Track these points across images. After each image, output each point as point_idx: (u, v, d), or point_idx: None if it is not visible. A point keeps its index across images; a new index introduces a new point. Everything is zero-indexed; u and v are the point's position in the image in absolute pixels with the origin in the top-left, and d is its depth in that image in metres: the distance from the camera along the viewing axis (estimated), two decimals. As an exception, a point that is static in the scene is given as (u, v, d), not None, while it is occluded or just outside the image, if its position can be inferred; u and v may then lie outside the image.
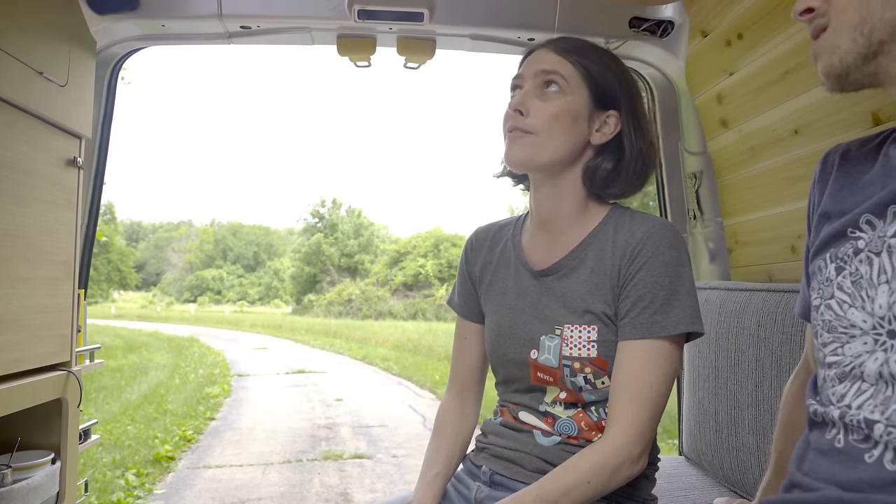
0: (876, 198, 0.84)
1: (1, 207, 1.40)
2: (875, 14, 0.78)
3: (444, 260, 37.69)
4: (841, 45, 0.81)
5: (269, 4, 1.77)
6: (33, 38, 1.48)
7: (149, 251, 62.22)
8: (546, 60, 1.21)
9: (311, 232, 49.04)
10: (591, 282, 1.19)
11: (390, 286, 38.36)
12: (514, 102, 1.20)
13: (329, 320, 30.22)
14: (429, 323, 26.63)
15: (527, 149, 1.18)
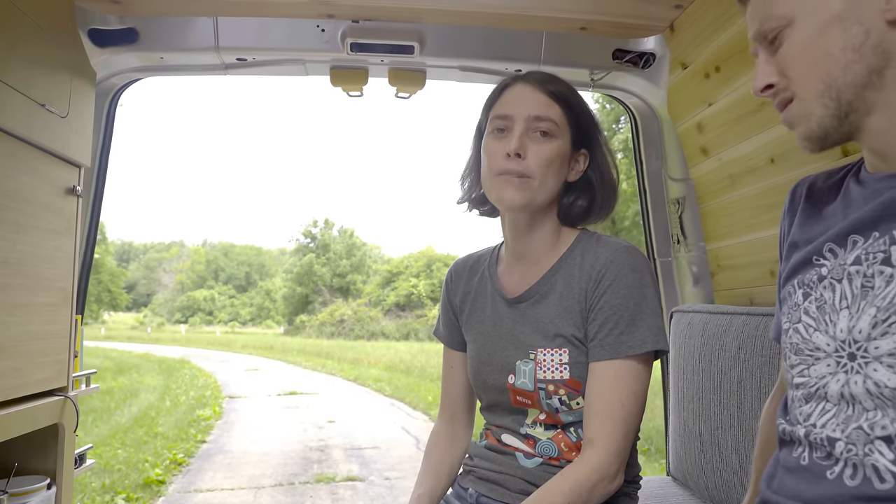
0: (837, 228, 0.90)
1: (1, 236, 1.44)
2: (838, 79, 0.83)
3: (437, 280, 37.68)
4: (815, 112, 0.86)
5: (265, 37, 1.83)
6: (36, 70, 1.53)
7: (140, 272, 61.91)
8: (538, 103, 1.24)
9: (303, 252, 49.00)
10: (560, 306, 1.24)
11: (382, 306, 38.30)
12: (512, 147, 1.21)
13: (321, 341, 30.09)
14: (421, 343, 26.56)
15: (526, 192, 1.22)
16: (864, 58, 0.81)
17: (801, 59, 0.85)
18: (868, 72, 0.81)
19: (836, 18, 0.82)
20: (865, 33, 0.81)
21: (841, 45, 0.82)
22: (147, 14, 1.78)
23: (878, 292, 0.80)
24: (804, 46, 0.85)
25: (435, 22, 1.81)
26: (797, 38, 0.85)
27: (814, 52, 0.84)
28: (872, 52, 0.81)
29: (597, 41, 1.88)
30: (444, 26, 1.82)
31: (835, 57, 0.82)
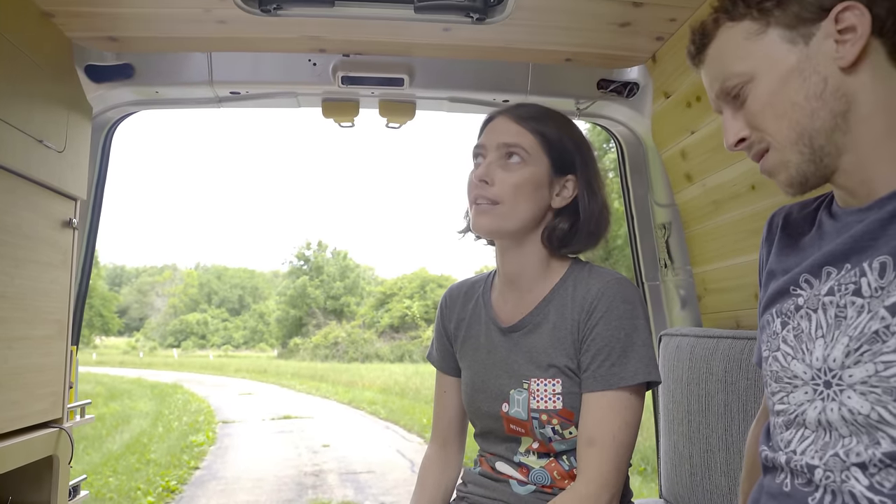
0: (812, 259, 0.94)
1: (1, 271, 1.46)
2: (807, 126, 0.87)
3: (430, 301, 37.64)
4: (792, 159, 0.90)
5: (258, 71, 1.87)
6: (34, 107, 1.57)
7: (132, 295, 61.52)
8: (507, 131, 1.28)
9: (296, 275, 48.90)
10: (553, 336, 1.26)
11: (376, 328, 38.18)
12: (479, 173, 1.26)
13: (315, 364, 29.94)
14: (416, 365, 26.46)
15: (494, 218, 1.26)
16: (826, 104, 0.86)
17: (768, 112, 0.89)
18: (833, 116, 0.86)
19: (795, 70, 0.87)
20: (824, 81, 0.86)
21: (804, 94, 0.86)
22: (143, 50, 1.82)
23: (850, 322, 0.84)
24: (769, 99, 0.89)
25: (424, 55, 1.86)
26: (761, 92, 0.90)
27: (780, 103, 0.88)
28: (833, 97, 0.86)
29: (582, 71, 1.93)
30: (432, 59, 1.87)
31: (801, 106, 0.87)
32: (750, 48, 0.90)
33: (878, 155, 0.87)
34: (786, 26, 0.88)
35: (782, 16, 0.88)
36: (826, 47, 0.85)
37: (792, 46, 0.87)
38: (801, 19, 0.87)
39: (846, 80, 0.85)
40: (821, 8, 0.86)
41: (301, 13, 1.62)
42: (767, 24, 0.89)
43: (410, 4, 1.61)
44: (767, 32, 0.89)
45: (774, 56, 0.88)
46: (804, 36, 0.87)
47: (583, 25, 1.71)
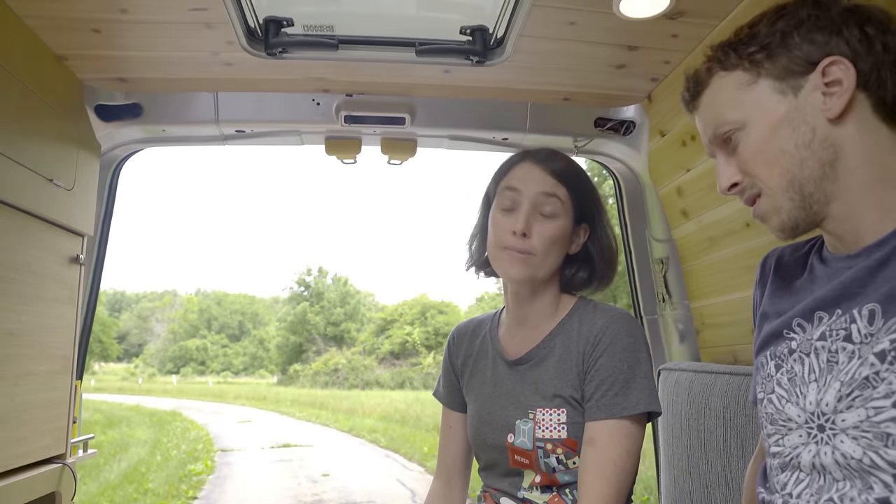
0: (804, 304, 0.96)
1: (9, 308, 1.49)
2: (797, 174, 0.91)
3: (431, 328, 37.54)
4: (783, 206, 0.93)
5: (263, 110, 1.92)
6: (45, 147, 1.61)
7: (132, 321, 61.29)
8: (545, 183, 1.32)
9: (296, 301, 48.79)
10: (559, 368, 1.30)
11: (377, 355, 38.01)
12: (519, 226, 1.29)
13: (315, 391, 29.76)
14: (416, 392, 26.30)
15: (527, 268, 1.30)
16: (815, 153, 0.89)
17: (760, 159, 0.93)
18: (821, 165, 0.89)
19: (784, 120, 0.91)
20: (812, 131, 0.89)
21: (793, 143, 0.90)
22: (151, 90, 1.87)
23: (841, 367, 0.86)
24: (760, 147, 0.93)
25: (425, 95, 1.91)
26: (752, 139, 0.93)
27: (770, 151, 0.92)
28: (821, 147, 0.89)
29: (579, 110, 1.98)
30: (433, 99, 1.92)
31: (790, 154, 0.90)
32: (742, 97, 0.94)
33: (865, 204, 0.90)
34: (776, 77, 0.92)
35: (772, 68, 0.92)
36: (814, 99, 0.89)
37: (782, 97, 0.91)
38: (789, 71, 0.91)
39: (833, 131, 0.89)
40: (808, 61, 0.90)
41: (306, 56, 1.67)
42: (758, 75, 0.93)
43: (412, 48, 1.66)
44: (758, 83, 0.93)
45: (765, 106, 0.92)
46: (793, 87, 0.91)
47: (580, 67, 1.76)
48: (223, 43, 1.62)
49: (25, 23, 1.50)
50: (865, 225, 0.90)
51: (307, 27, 1.65)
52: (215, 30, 1.56)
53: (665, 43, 1.63)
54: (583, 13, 1.51)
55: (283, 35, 1.63)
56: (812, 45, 0.90)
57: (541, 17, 1.51)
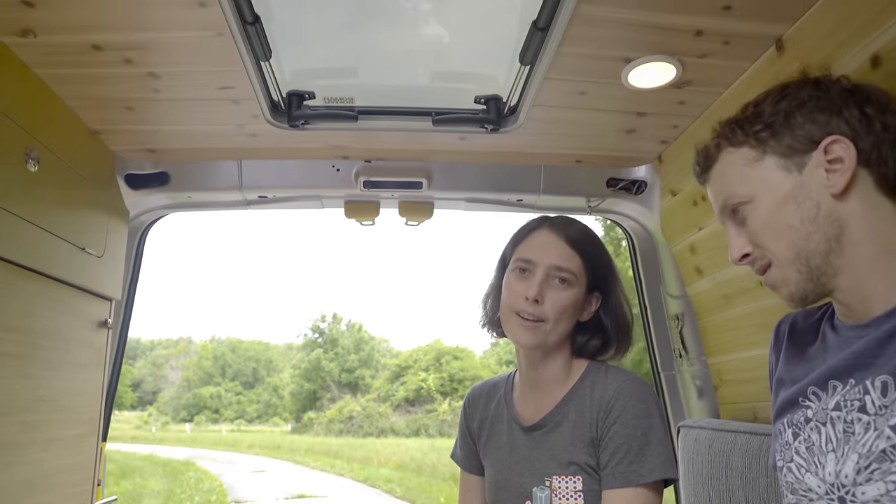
0: (818, 372, 0.98)
1: (40, 374, 1.54)
2: (804, 247, 0.95)
3: (446, 374, 37.19)
4: (791, 277, 0.97)
5: (285, 176, 1.99)
6: (78, 217, 1.68)
7: (146, 368, 61.21)
8: (559, 253, 1.35)
9: (311, 347, 48.65)
10: (573, 435, 1.31)
11: (392, 402, 37.61)
12: (531, 292, 1.32)
13: (329, 439, 29.42)
14: (432, 440, 25.93)
15: (538, 335, 1.33)
16: (820, 227, 0.93)
17: (768, 232, 0.97)
18: (827, 239, 0.93)
19: (790, 195, 0.95)
20: (817, 206, 0.93)
21: (799, 217, 0.94)
22: (178, 160, 1.95)
23: (858, 438, 0.88)
24: (767, 221, 0.97)
25: (441, 160, 1.97)
26: (759, 213, 0.98)
27: (777, 225, 0.96)
28: (826, 221, 0.93)
29: (591, 171, 2.03)
30: (449, 164, 1.98)
31: (796, 228, 0.94)
32: (749, 173, 0.99)
33: (872, 276, 0.92)
34: (781, 155, 0.96)
35: (777, 146, 0.96)
36: (818, 176, 0.93)
37: (787, 174, 0.95)
38: (793, 150, 0.95)
39: (838, 206, 0.93)
40: (810, 140, 0.94)
41: (326, 127, 1.75)
42: (764, 152, 0.98)
43: (429, 117, 1.73)
44: (764, 159, 0.97)
45: (771, 181, 0.96)
46: (797, 164, 0.95)
47: (591, 132, 1.82)
48: (248, 116, 1.70)
49: (66, 103, 1.59)
50: (874, 295, 0.92)
51: (328, 99, 1.73)
52: (241, 105, 1.64)
53: (673, 109, 1.68)
54: (593, 84, 1.57)
55: (305, 108, 1.70)
56: (814, 125, 0.94)
57: (552, 87, 1.58)
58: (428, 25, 1.53)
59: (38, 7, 1.25)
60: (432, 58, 1.64)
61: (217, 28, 1.33)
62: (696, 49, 1.43)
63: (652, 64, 1.48)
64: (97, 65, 1.45)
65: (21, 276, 1.45)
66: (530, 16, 1.39)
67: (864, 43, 1.19)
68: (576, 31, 1.37)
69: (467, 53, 1.63)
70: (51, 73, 1.48)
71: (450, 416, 31.89)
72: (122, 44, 1.38)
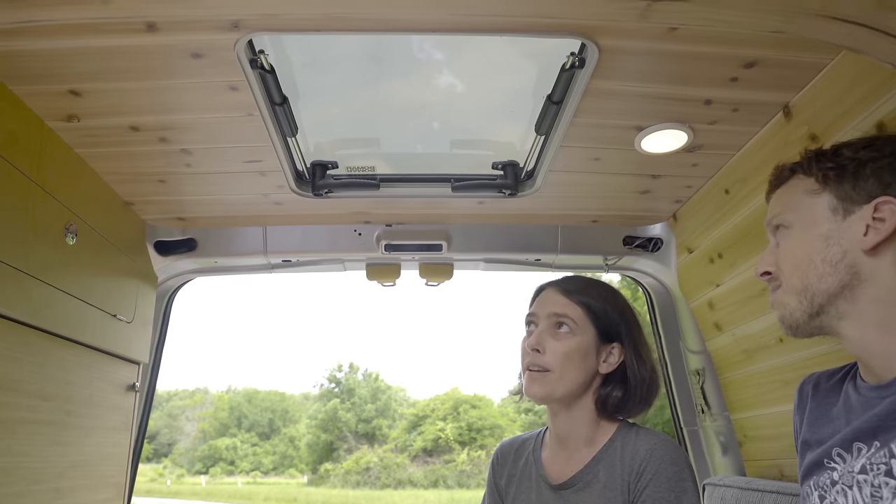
0: (842, 434, 0.99)
1: (73, 441, 1.57)
2: (813, 284, 0.99)
3: (464, 423, 36.63)
4: (790, 304, 1.02)
5: (308, 241, 2.05)
6: (111, 285, 1.74)
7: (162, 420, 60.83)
8: (556, 302, 1.40)
9: (327, 397, 48.25)
10: (604, 496, 1.31)
11: (409, 452, 37.01)
12: (531, 342, 1.36)
13: (346, 491, 28.93)
14: (451, 491, 25.41)
15: (545, 386, 1.35)
16: (837, 272, 0.97)
17: (789, 259, 1.03)
18: (840, 285, 0.97)
19: (823, 236, 0.99)
20: (843, 254, 0.97)
21: (822, 257, 0.98)
22: (205, 226, 2.02)
23: (886, 503, 0.88)
24: (793, 249, 1.03)
25: (460, 223, 2.02)
26: (791, 241, 1.04)
27: (799, 256, 1.01)
28: (846, 270, 0.97)
29: (607, 230, 2.07)
30: (468, 226, 2.03)
31: (815, 265, 0.99)
32: (802, 202, 1.04)
33: (885, 334, 0.95)
34: (836, 196, 1.00)
35: (837, 188, 1.00)
36: (856, 228, 0.97)
37: (832, 215, 1.00)
38: (849, 197, 0.99)
39: (864, 260, 0.96)
40: (868, 194, 0.98)
41: (349, 195, 1.81)
42: (824, 189, 1.02)
43: (448, 183, 1.79)
44: (822, 196, 1.02)
45: (815, 217, 1.01)
46: (845, 211, 0.99)
47: (606, 194, 1.87)
48: (274, 186, 1.77)
49: (103, 178, 1.67)
50: (892, 355, 0.94)
51: (350, 168, 1.79)
52: (267, 176, 1.71)
53: (685, 171, 1.73)
54: (607, 150, 1.62)
55: (328, 177, 1.77)
56: (878, 182, 0.97)
57: (567, 154, 1.64)
58: (447, 97, 1.60)
59: (84, 96, 1.33)
60: (451, 126, 1.71)
61: (247, 109, 1.41)
62: (706, 116, 1.48)
63: (664, 131, 1.53)
64: (134, 143, 1.53)
65: (56, 345, 1.50)
66: (545, 90, 1.46)
67: (870, 110, 1.24)
68: (589, 104, 1.43)
69: (485, 122, 1.70)
70: (90, 151, 1.56)
71: (468, 466, 31.29)
72: (159, 125, 1.46)
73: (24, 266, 1.35)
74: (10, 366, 1.32)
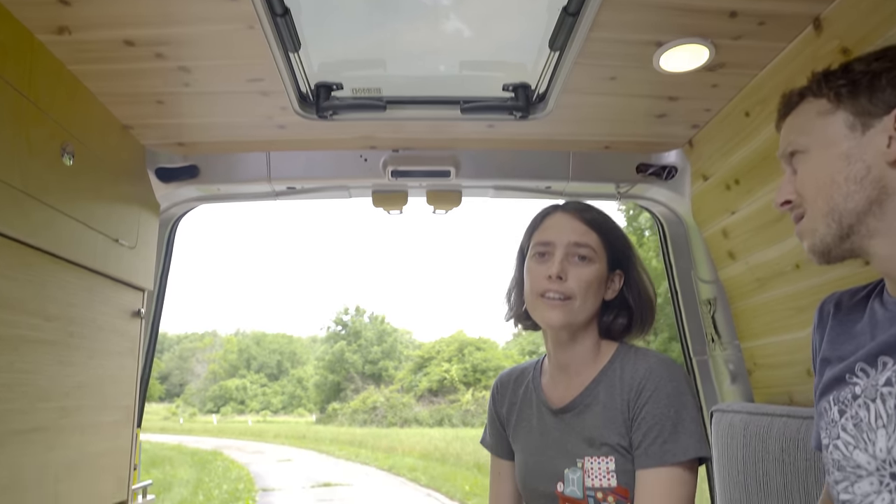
0: (867, 348, 0.97)
1: (78, 362, 1.57)
2: (840, 204, 0.95)
3: (469, 364, 37.24)
4: (818, 229, 0.98)
5: (313, 167, 2.00)
6: (111, 209, 1.71)
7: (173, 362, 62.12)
8: (576, 230, 1.36)
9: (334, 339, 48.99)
10: (604, 416, 1.31)
11: (415, 392, 37.78)
12: (554, 270, 1.33)
13: (354, 429, 29.68)
14: (455, 429, 26.03)
15: (567, 313, 1.32)
16: (864, 189, 0.93)
17: (810, 183, 0.98)
18: (868, 202, 0.93)
19: (843, 154, 0.95)
20: (867, 169, 0.93)
21: (844, 175, 0.94)
22: (207, 152, 1.97)
23: None
24: (813, 173, 0.98)
25: (469, 148, 1.96)
26: (810, 165, 0.99)
27: (821, 178, 0.97)
28: (872, 185, 0.92)
29: (621, 157, 2.01)
30: (477, 151, 1.98)
31: (838, 185, 0.94)
32: (816, 124, 0.99)
33: None
34: (852, 113, 0.95)
35: (852, 104, 0.95)
36: (878, 141, 0.92)
37: (850, 132, 0.95)
38: (866, 111, 0.94)
39: (889, 173, 0.92)
40: (887, 105, 0.93)
41: (354, 117, 1.75)
42: (838, 107, 0.97)
43: (457, 106, 1.73)
44: (836, 114, 0.97)
45: (831, 137, 0.96)
46: (864, 125, 0.94)
47: (621, 118, 1.80)
48: (277, 108, 1.71)
49: (99, 99, 1.61)
50: None
51: (356, 90, 1.73)
52: (270, 97, 1.65)
53: (705, 93, 1.66)
54: (623, 68, 1.55)
55: (333, 98, 1.71)
56: (895, 92, 0.92)
57: (582, 73, 1.56)
58: (456, 14, 1.52)
59: (74, 5, 1.26)
60: (460, 47, 1.63)
61: (247, 20, 1.34)
62: (730, 31, 1.40)
63: (684, 47, 1.46)
64: (129, 60, 1.46)
65: (58, 266, 1.48)
66: (560, 1, 1.38)
67: (906, 19, 1.16)
68: (606, 16, 1.35)
69: (495, 41, 1.62)
70: (84, 69, 1.50)
71: (473, 405, 31.98)
72: (154, 38, 1.39)
73: (20, 184, 1.31)
74: (8, 284, 1.29)
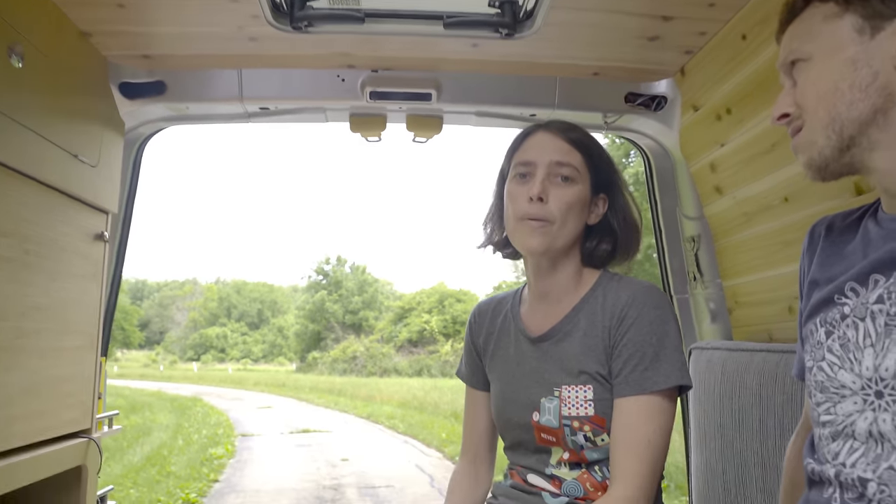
0: (858, 267, 0.92)
1: (36, 283, 1.49)
2: (842, 114, 0.88)
3: (449, 316, 37.58)
4: (818, 142, 0.91)
5: (287, 87, 1.89)
6: (70, 124, 1.60)
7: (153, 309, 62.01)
8: (558, 149, 1.30)
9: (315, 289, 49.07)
10: (584, 344, 1.27)
11: (395, 343, 38.15)
12: (534, 191, 1.26)
13: (333, 378, 29.99)
14: (434, 380, 26.39)
15: (547, 237, 1.26)
16: (869, 97, 0.86)
17: (811, 92, 0.91)
18: (873, 111, 0.87)
19: (849, 60, 0.88)
20: (874, 75, 0.86)
21: (849, 82, 0.87)
22: (175, 68, 1.85)
23: None
24: (815, 82, 0.91)
25: (451, 70, 1.87)
26: (812, 73, 0.92)
27: (823, 86, 0.90)
28: (878, 93, 0.86)
29: (609, 85, 1.93)
30: (460, 74, 1.88)
31: (842, 92, 0.88)
32: (821, 29, 0.91)
33: None
34: (861, 15, 0.88)
35: (861, 6, 0.88)
36: (888, 45, 0.86)
37: (858, 36, 0.88)
38: (877, 12, 0.87)
39: None
40: None
41: (331, 30, 1.64)
42: (846, 10, 0.89)
43: (440, 20, 1.63)
44: (844, 17, 0.89)
45: (837, 42, 0.89)
46: (874, 28, 0.87)
47: (611, 39, 1.71)
48: (248, 17, 1.59)
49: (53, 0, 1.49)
50: None
51: (333, 1, 1.62)
52: (240, 3, 1.53)
53: (701, 13, 1.57)
54: (617, -20, 1.46)
55: (308, 8, 1.60)
56: None
57: (573, -15, 1.47)
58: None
59: None
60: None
61: None
62: (732, -62, 1.32)
63: (682, -45, 1.37)
64: (83, -49, 1.34)
65: (10, 178, 1.38)
66: None
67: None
68: (602, -87, 1.25)
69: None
70: (34, -40, 1.37)
71: (452, 356, 32.38)
72: (110, -76, 1.27)
73: (-39, 81, 1.20)
74: (-47, 191, 1.20)
